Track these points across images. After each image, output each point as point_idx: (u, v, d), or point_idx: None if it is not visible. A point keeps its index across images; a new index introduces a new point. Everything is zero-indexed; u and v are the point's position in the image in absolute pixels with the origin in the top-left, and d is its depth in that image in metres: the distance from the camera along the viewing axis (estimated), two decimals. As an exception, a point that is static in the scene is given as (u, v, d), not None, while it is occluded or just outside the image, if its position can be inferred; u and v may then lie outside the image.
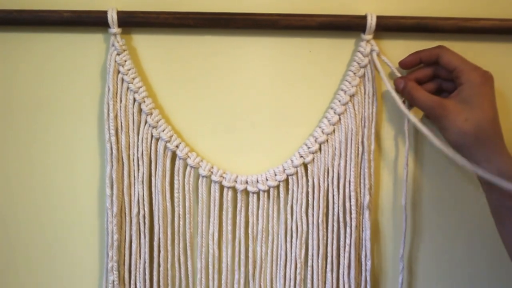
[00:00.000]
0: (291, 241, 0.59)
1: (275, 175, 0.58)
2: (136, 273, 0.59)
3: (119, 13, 0.55)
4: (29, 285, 0.63)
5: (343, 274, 0.59)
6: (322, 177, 0.58)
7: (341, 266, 0.59)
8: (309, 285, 0.59)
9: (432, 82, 0.56)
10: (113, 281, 0.59)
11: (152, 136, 0.58)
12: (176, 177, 0.58)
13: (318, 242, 0.59)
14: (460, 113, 0.50)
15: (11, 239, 0.62)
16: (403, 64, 0.56)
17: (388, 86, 0.54)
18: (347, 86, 0.57)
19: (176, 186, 0.58)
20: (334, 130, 0.58)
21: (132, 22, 0.56)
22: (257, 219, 0.59)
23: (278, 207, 0.59)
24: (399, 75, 0.57)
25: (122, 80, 0.57)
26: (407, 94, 0.55)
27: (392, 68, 0.57)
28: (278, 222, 0.59)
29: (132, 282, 0.59)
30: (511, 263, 0.53)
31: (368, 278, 0.59)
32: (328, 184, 0.58)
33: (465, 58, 0.53)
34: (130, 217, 0.59)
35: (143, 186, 0.58)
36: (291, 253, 0.59)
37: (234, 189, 0.59)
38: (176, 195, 0.58)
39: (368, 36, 0.56)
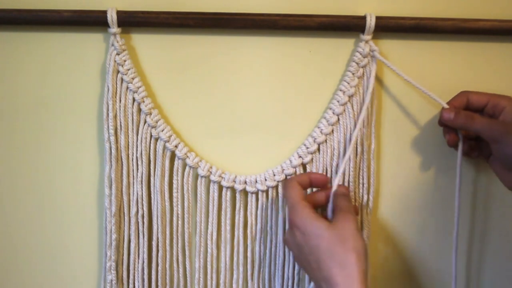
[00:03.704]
0: (290, 241, 0.59)
1: (274, 175, 0.58)
2: (134, 273, 0.59)
3: (119, 13, 0.55)
4: (28, 284, 0.63)
5: (342, 275, 0.59)
6: (320, 178, 0.58)
7: (339, 267, 0.59)
8: (307, 285, 0.59)
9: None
10: (111, 280, 0.59)
11: (151, 136, 0.58)
12: (175, 177, 0.58)
13: (316, 242, 0.59)
14: None
15: (9, 238, 0.62)
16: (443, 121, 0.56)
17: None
18: (345, 87, 0.57)
19: (175, 186, 0.58)
20: (332, 131, 0.58)
21: (132, 22, 0.55)
22: (256, 219, 0.59)
23: (276, 207, 0.59)
24: (402, 74, 0.56)
25: (122, 79, 0.57)
26: (461, 124, 0.54)
27: (392, 67, 0.56)
28: (277, 222, 0.59)
29: (131, 281, 0.59)
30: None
31: (366, 279, 0.59)
32: (326, 185, 0.58)
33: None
34: (129, 217, 0.59)
35: (142, 186, 0.58)
36: (290, 253, 0.59)
37: (233, 189, 0.59)
38: (175, 195, 0.58)
39: (367, 37, 0.56)
